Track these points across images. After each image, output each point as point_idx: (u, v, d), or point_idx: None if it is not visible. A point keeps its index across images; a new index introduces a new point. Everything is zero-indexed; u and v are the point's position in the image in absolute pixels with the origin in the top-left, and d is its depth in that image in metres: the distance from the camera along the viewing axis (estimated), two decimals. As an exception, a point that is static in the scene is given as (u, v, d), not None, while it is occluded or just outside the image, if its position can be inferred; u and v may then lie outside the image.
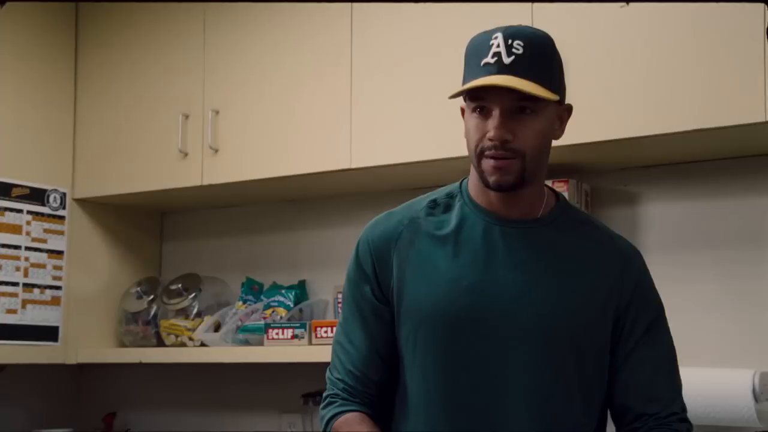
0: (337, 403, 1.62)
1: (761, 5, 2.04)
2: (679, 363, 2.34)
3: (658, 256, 2.48)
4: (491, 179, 1.54)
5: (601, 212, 2.54)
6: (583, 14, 2.29)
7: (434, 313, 1.57)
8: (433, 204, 1.64)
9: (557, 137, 1.61)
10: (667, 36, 2.20)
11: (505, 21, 2.45)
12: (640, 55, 2.23)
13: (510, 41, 1.51)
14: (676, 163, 2.47)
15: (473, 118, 1.55)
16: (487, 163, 1.54)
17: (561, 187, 2.43)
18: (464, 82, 1.56)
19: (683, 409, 1.65)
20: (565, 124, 1.62)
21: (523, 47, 1.51)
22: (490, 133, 1.52)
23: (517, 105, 1.52)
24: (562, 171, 2.47)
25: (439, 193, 1.67)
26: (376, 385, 1.62)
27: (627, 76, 2.24)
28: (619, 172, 2.55)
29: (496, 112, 1.52)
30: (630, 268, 1.62)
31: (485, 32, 1.56)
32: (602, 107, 2.26)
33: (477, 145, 1.55)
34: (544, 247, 1.59)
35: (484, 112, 1.54)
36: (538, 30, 1.59)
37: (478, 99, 1.54)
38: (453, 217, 1.61)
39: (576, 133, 2.28)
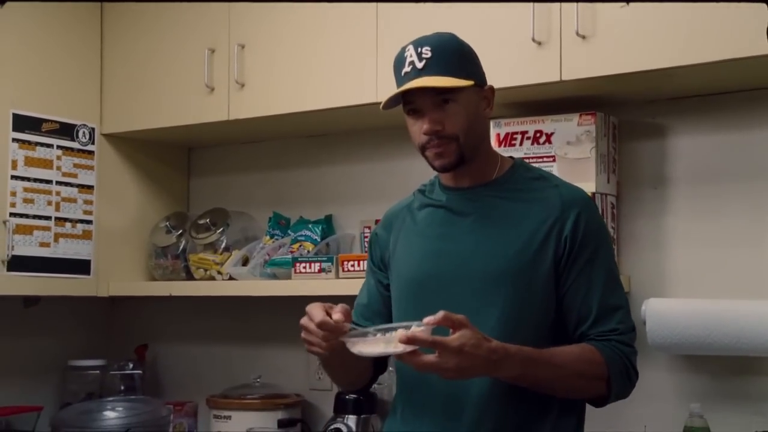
0: None
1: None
2: (708, 294, 2.38)
3: (686, 188, 2.47)
4: (436, 164, 1.87)
5: (628, 145, 2.53)
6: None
7: (408, 279, 1.91)
8: (423, 188, 2.00)
9: (488, 116, 1.90)
10: (699, -35, 2.16)
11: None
12: (671, -15, 2.19)
13: (419, 49, 1.82)
14: (704, 94, 2.44)
15: (410, 121, 1.86)
16: (430, 153, 1.85)
17: (588, 120, 2.42)
18: None
19: (627, 329, 1.83)
20: (492, 103, 1.88)
21: (431, 50, 1.81)
22: (424, 128, 1.83)
23: (438, 99, 1.81)
24: (589, 104, 2.46)
25: (429, 180, 2.01)
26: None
27: (656, 5, 2.20)
28: (647, 105, 2.52)
29: (423, 110, 1.83)
30: (569, 211, 1.83)
31: (402, 48, 1.87)
32: (630, 38, 2.23)
33: (418, 142, 1.86)
34: (493, 204, 1.87)
35: (416, 114, 1.84)
36: (444, 33, 1.87)
37: (408, 104, 1.85)
38: (430, 197, 1.96)
39: (603, 64, 2.27)
